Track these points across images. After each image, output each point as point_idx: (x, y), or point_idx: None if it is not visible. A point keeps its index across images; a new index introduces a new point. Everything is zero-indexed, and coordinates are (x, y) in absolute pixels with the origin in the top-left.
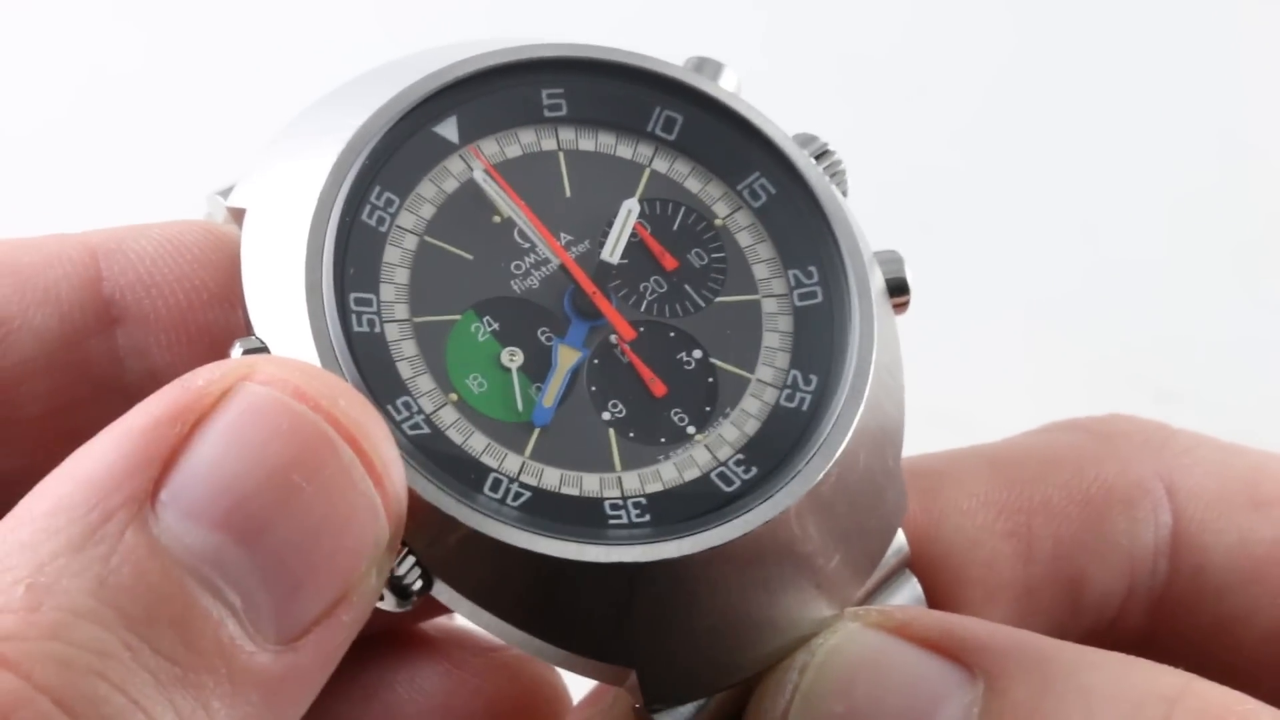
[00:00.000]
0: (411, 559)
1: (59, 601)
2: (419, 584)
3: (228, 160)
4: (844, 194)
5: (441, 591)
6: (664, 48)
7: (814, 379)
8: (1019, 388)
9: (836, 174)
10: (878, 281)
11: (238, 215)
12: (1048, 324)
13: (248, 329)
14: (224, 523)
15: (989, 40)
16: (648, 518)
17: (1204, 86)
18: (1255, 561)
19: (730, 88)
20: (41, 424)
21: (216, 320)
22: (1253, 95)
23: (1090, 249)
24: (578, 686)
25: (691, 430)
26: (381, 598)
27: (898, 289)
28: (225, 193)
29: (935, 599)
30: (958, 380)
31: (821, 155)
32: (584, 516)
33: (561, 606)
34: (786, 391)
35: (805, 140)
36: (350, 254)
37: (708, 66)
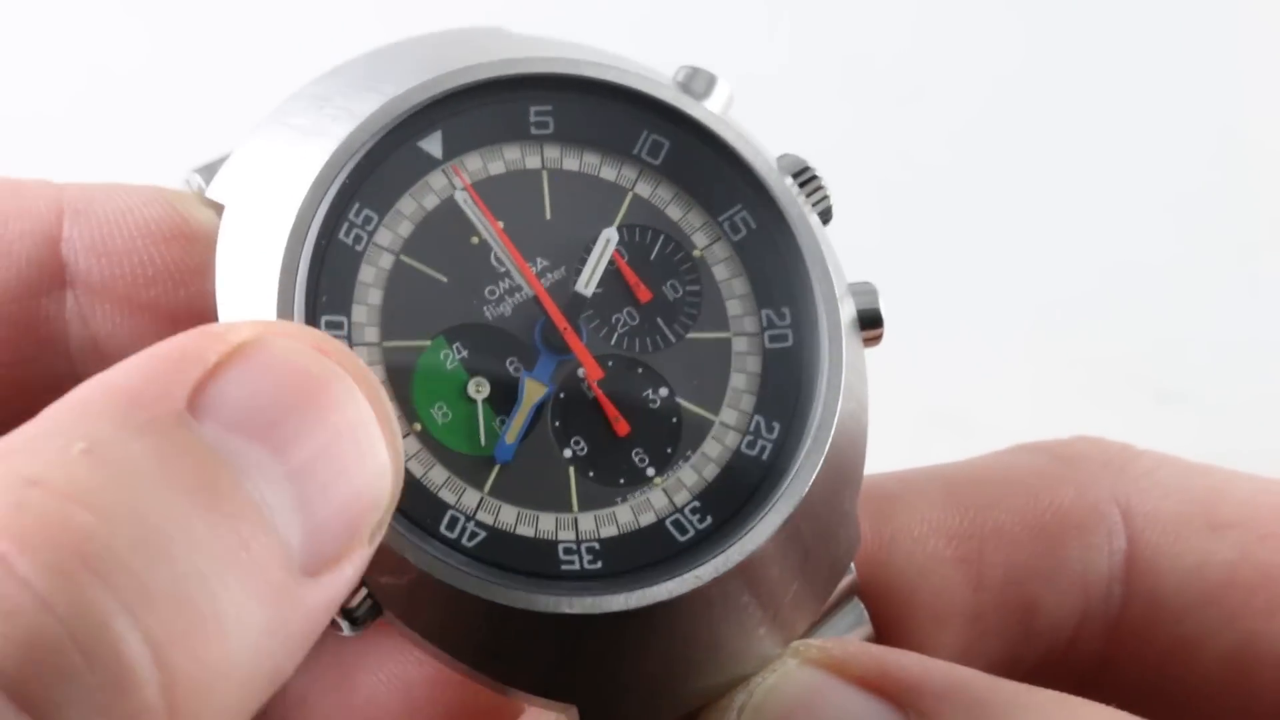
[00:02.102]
0: (364, 590)
1: (119, 465)
2: (370, 612)
3: (215, 147)
4: (827, 220)
5: (391, 620)
6: (666, 48)
7: (776, 427)
8: (1019, 388)
9: (820, 201)
10: (849, 315)
11: (215, 208)
12: (1048, 324)
13: None
14: (263, 436)
15: (990, 43)
16: (600, 565)
17: (1204, 86)
18: (1211, 585)
19: (721, 101)
20: None
21: (158, 297)
22: (1253, 93)
23: (1091, 249)
24: None
25: (651, 473)
26: (334, 623)
27: (871, 322)
28: (204, 170)
29: (883, 625)
30: (958, 380)
31: (807, 182)
32: (537, 560)
33: (508, 648)
34: (749, 438)
35: (791, 165)
36: (325, 275)
37: (699, 78)
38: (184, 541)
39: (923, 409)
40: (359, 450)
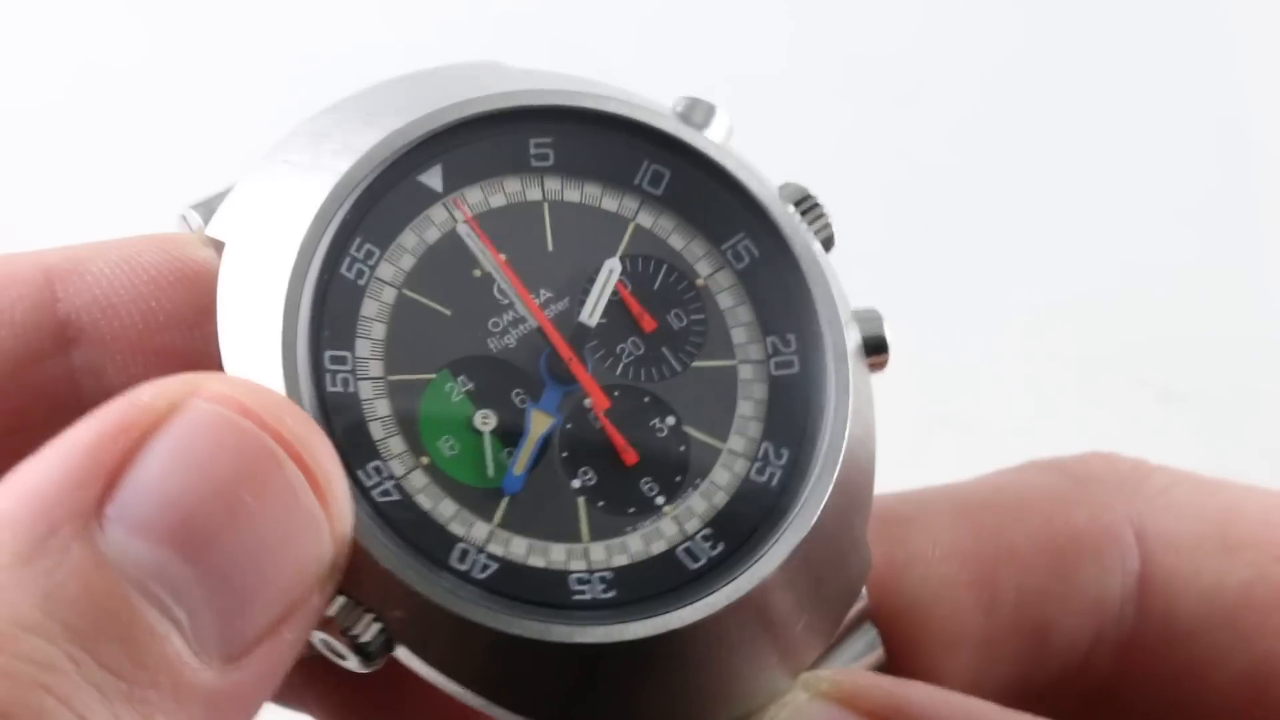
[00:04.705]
0: (377, 625)
1: (2, 614)
2: (382, 648)
3: (214, 159)
4: (829, 247)
5: (403, 654)
6: (664, 50)
7: (785, 453)
8: (1019, 388)
9: (823, 229)
10: (854, 341)
11: (216, 246)
12: (1048, 324)
13: (220, 370)
14: (170, 538)
15: (984, 43)
16: (613, 593)
17: (1202, 84)
18: (1225, 606)
19: (721, 133)
20: None
21: (172, 342)
22: (1252, 91)
23: (1092, 249)
24: None
25: (660, 501)
26: (345, 658)
27: (876, 348)
28: (201, 207)
29: (895, 650)
30: (958, 381)
31: (809, 210)
32: (549, 590)
33: (522, 680)
34: (757, 464)
35: (793, 193)
36: (328, 309)
37: (699, 108)
38: (66, 685)
39: (921, 409)
40: (285, 521)
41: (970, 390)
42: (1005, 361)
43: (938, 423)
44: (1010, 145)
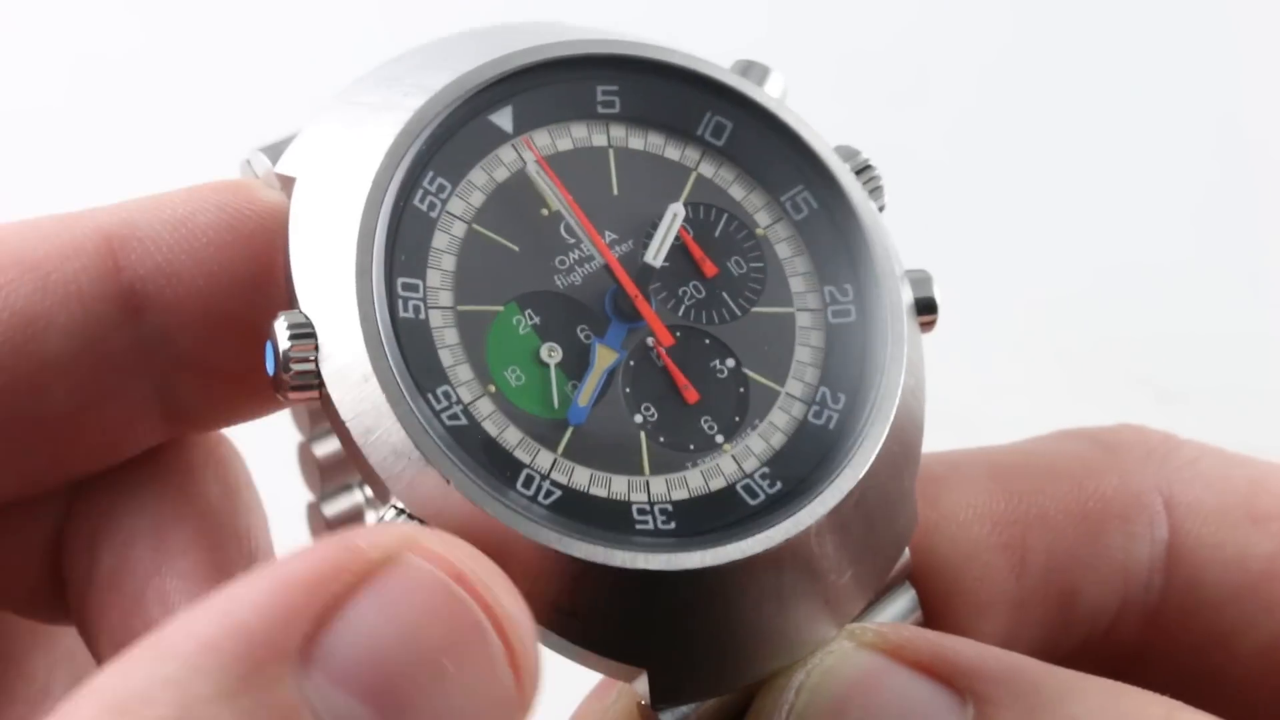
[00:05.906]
0: None
1: None
2: None
3: (232, 137)
4: (881, 209)
5: None
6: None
7: (842, 398)
8: (1019, 387)
9: (875, 189)
10: (907, 300)
11: (286, 183)
12: (1048, 324)
13: (290, 302)
14: (371, 694)
15: (987, 37)
16: (673, 525)
17: (1206, 83)
18: (1251, 576)
19: (776, 93)
20: (71, 419)
21: (239, 308)
22: (1252, 90)
23: (1092, 248)
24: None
25: (720, 440)
26: None
27: (926, 308)
28: (270, 150)
29: (929, 609)
30: (957, 380)
31: (862, 170)
32: (611, 519)
33: (584, 605)
34: (814, 408)
35: (847, 154)
36: (400, 238)
37: (754, 70)
38: None
39: None
40: (481, 694)
41: (970, 389)
42: (1005, 361)
43: (937, 421)
44: (1009, 143)
